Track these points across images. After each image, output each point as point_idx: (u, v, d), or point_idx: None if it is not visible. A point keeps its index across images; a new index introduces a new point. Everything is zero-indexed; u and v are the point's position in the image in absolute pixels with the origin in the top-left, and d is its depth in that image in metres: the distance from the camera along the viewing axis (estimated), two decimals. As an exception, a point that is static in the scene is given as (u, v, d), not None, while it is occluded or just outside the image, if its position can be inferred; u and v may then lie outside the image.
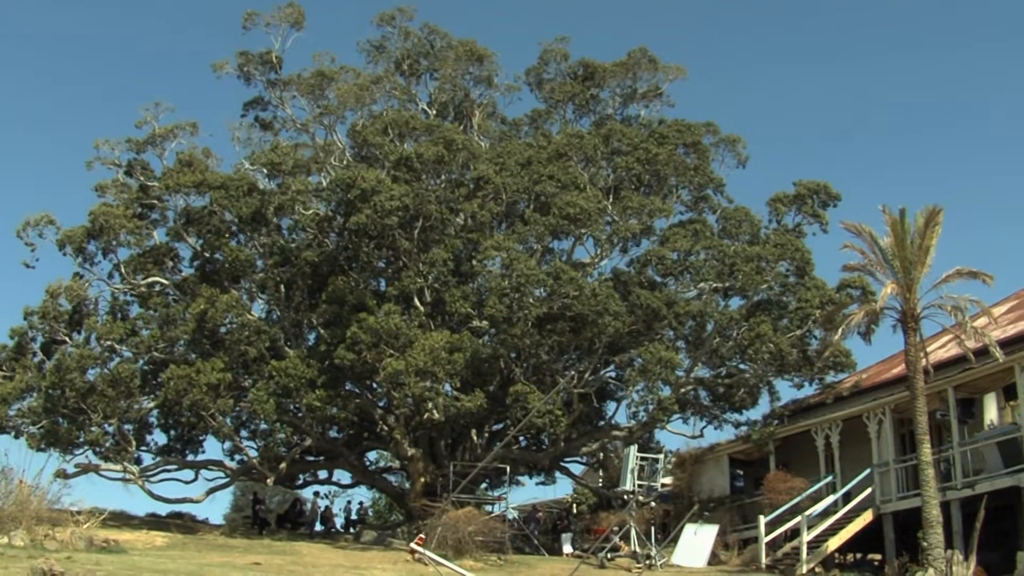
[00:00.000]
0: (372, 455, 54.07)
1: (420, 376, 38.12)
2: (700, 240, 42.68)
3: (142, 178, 46.53)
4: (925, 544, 30.51)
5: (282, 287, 44.42)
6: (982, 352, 32.98)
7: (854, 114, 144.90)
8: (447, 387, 40.95)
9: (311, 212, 44.24)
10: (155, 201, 46.06)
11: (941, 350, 37.82)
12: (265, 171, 45.10)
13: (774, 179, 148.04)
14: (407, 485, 46.70)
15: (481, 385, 40.84)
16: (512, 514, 44.97)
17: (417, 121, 45.85)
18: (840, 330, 35.18)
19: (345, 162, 46.95)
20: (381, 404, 44.38)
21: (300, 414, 41.92)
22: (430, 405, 40.01)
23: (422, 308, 42.37)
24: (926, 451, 31.66)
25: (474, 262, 42.56)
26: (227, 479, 47.41)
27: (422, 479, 42.78)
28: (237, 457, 46.22)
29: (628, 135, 46.54)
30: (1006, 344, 34.11)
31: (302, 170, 45.28)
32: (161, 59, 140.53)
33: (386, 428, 43.85)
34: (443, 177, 43.97)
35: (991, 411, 37.66)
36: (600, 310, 39.49)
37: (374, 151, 44.59)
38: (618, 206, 43.95)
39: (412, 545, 8.92)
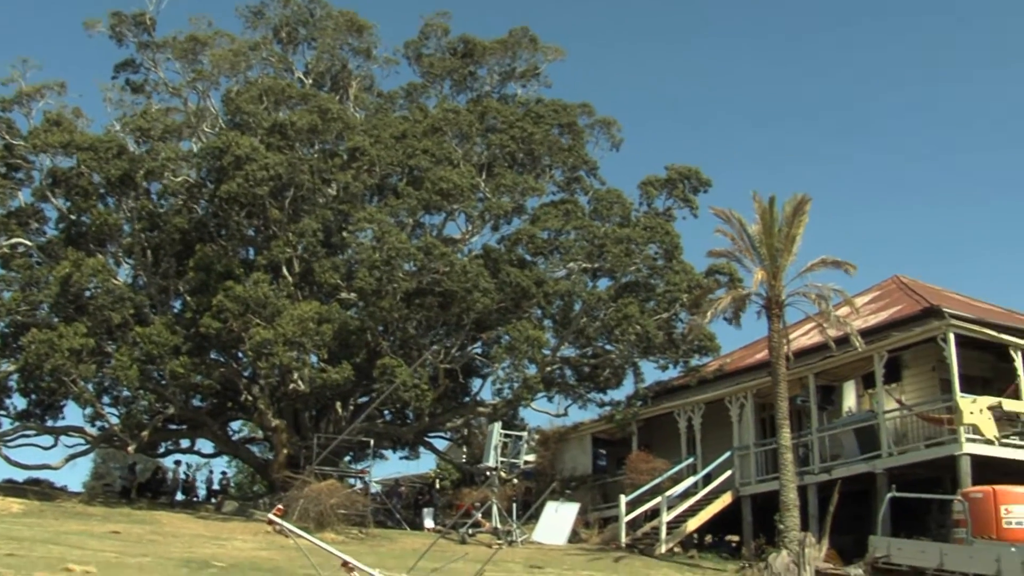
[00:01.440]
0: (236, 425, 53.76)
1: (287, 346, 37.90)
2: (571, 220, 42.86)
3: (7, 136, 45.39)
4: (782, 527, 30.95)
5: (149, 253, 43.75)
6: (843, 341, 33.60)
7: (727, 101, 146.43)
8: (313, 358, 40.77)
9: (181, 178, 43.62)
10: (20, 161, 45.09)
11: (804, 337, 38.44)
12: (135, 135, 44.33)
13: (648, 163, 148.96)
14: (270, 456, 46.35)
15: (348, 357, 40.64)
16: (375, 488, 44.89)
17: (293, 90, 45.42)
18: (707, 314, 35.54)
19: (218, 129, 46.34)
20: (246, 374, 43.95)
21: (164, 382, 41.26)
22: (296, 376, 39.83)
23: (291, 278, 42.06)
24: (786, 436, 32.14)
25: (345, 234, 42.40)
26: (87, 446, 46.66)
27: (285, 450, 42.48)
28: (98, 424, 45.31)
29: (504, 113, 46.63)
30: (867, 333, 34.79)
31: (173, 135, 44.62)
32: (31, 15, 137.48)
33: (251, 398, 43.43)
34: (317, 147, 43.62)
35: (850, 398, 38.40)
36: (469, 287, 39.54)
37: (247, 118, 44.04)
38: (491, 183, 44.04)
39: (270, 516, 8.96)
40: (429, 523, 42.06)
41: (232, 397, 46.28)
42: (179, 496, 48.65)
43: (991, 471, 29.86)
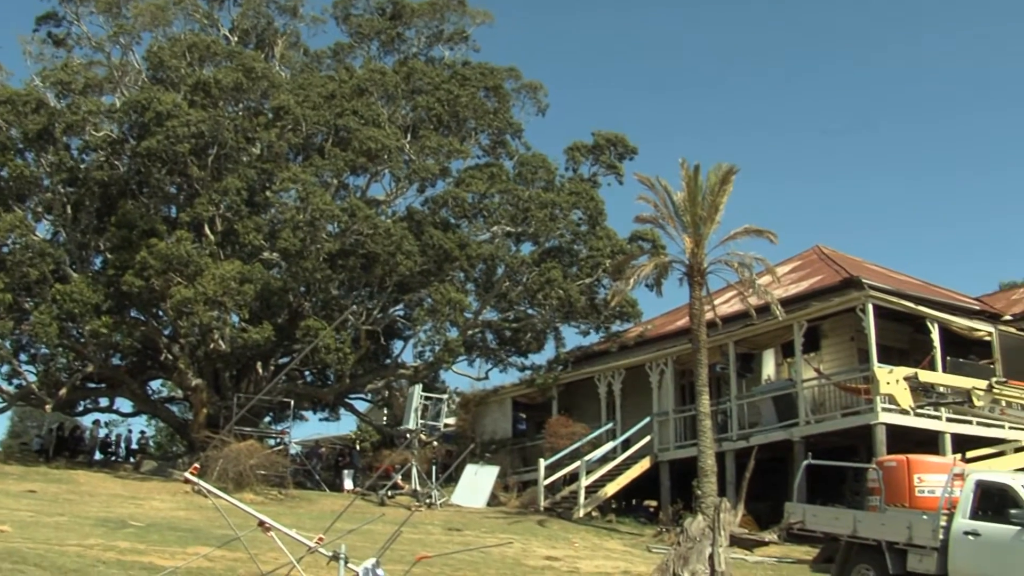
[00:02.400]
0: (155, 384, 53.31)
1: (208, 305, 37.63)
2: (496, 184, 42.81)
3: (-82, 88, 44.56)
4: (699, 492, 31.20)
5: (69, 208, 43.08)
6: (764, 309, 33.83)
7: (655, 69, 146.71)
8: (235, 318, 40.54)
9: (103, 133, 42.95)
10: (-67, 113, 44.27)
11: (725, 305, 38.66)
12: (56, 89, 43.66)
13: (574, 130, 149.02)
14: (190, 416, 46.00)
15: (270, 318, 40.49)
16: (294, 449, 44.78)
17: (218, 46, 44.85)
18: (629, 281, 35.60)
19: (140, 84, 45.62)
20: (167, 332, 43.54)
21: (83, 340, 40.84)
22: (217, 335, 39.59)
23: (213, 237, 41.66)
24: (705, 402, 32.36)
25: (269, 193, 42.06)
26: (3, 404, 46.20)
27: (205, 410, 42.17)
28: (15, 382, 44.89)
29: (430, 75, 46.43)
30: (787, 303, 35.12)
31: (95, 90, 43.96)
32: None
33: (171, 357, 43.04)
34: (241, 105, 43.17)
35: (769, 367, 38.73)
36: (393, 248, 39.43)
37: (171, 74, 43.47)
38: (416, 145, 43.85)
39: (186, 475, 8.88)
40: (348, 485, 42.06)
41: (152, 356, 45.84)
42: (97, 455, 48.27)
43: (905, 440, 30.30)
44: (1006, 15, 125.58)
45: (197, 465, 9.86)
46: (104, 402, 50.32)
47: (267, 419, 47.10)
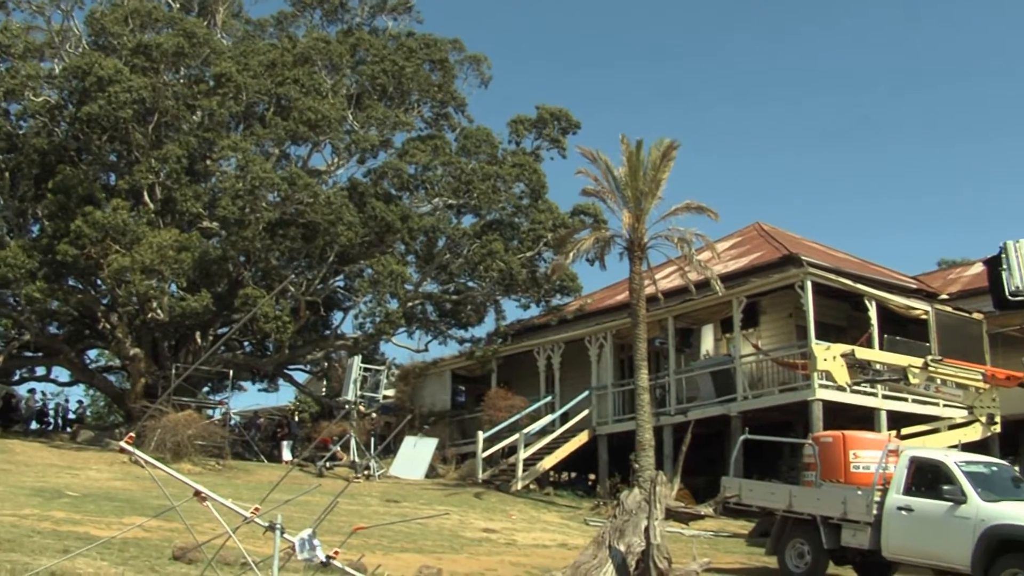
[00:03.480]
0: (93, 353, 52.94)
1: (146, 274, 37.34)
2: (439, 156, 42.70)
3: None
4: (637, 466, 31.36)
5: (6, 174, 42.59)
6: (703, 285, 34.01)
7: (599, 44, 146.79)
8: (173, 287, 40.30)
9: (42, 99, 42.38)
10: None
11: (665, 280, 38.78)
12: (-6, 53, 43.08)
13: (518, 105, 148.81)
14: (127, 386, 45.70)
15: (209, 287, 40.24)
16: (233, 419, 44.57)
17: (160, 12, 44.30)
18: (569, 254, 35.64)
19: (81, 49, 45.13)
20: (104, 301, 43.17)
21: (19, 307, 40.49)
22: (155, 304, 39.28)
23: (152, 205, 41.24)
24: (643, 377, 32.47)
25: (209, 162, 41.82)
26: (-62, 372, 45.78)
27: (143, 380, 41.86)
28: (-49, 350, 44.47)
29: (376, 46, 46.20)
30: (727, 279, 35.32)
31: (34, 55, 43.42)
32: None
33: (108, 326, 42.75)
34: (182, 72, 42.81)
35: (708, 342, 38.99)
36: (334, 219, 39.27)
37: (112, 40, 42.91)
38: (359, 116, 43.69)
39: (121, 444, 8.81)
40: (287, 455, 41.96)
41: (89, 325, 45.50)
42: (33, 425, 47.90)
43: (842, 417, 30.58)
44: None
45: (133, 435, 9.80)
46: (41, 371, 49.96)
47: (205, 389, 46.84)
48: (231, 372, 43.51)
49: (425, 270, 44.12)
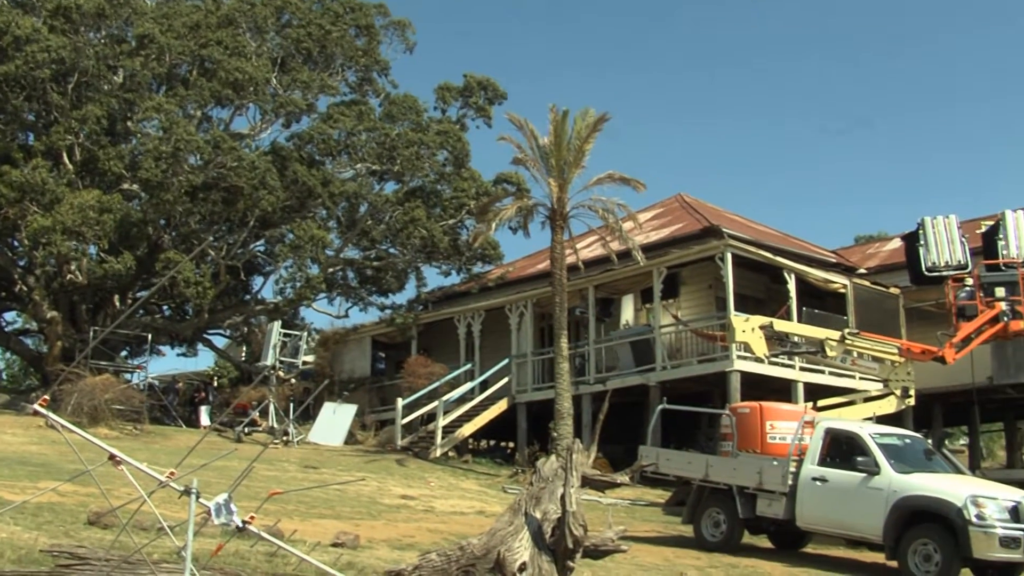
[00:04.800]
0: (9, 316, 52.22)
1: (65, 235, 36.92)
2: (364, 121, 42.50)
3: None
4: (555, 434, 31.49)
5: (-78, 134, 41.98)
6: (625, 255, 34.10)
7: (524, 13, 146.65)
8: (93, 249, 39.87)
9: (-43, 58, 41.85)
10: None
11: (587, 250, 38.86)
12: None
13: (445, 74, 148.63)
14: (44, 349, 45.22)
15: (129, 250, 39.81)
16: (152, 384, 44.20)
17: (80, -30, 43.81)
18: (491, 222, 35.64)
19: (-1, 7, 44.52)
20: (22, 263, 42.71)
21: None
22: (74, 266, 38.89)
23: (71, 166, 40.74)
24: (563, 345, 32.57)
25: (130, 123, 41.32)
26: None
27: (60, 343, 41.37)
28: None
29: (301, 9, 45.78)
30: (648, 249, 35.47)
31: (-50, 13, 42.72)
32: None
33: (25, 288, 42.19)
34: (103, 32, 42.23)
35: (628, 312, 39.18)
36: (256, 183, 38.99)
37: (32, -1, 42.46)
38: (284, 79, 43.38)
39: (35, 407, 8.73)
40: (205, 420, 41.71)
41: (6, 287, 44.95)
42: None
43: (760, 388, 30.92)
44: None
45: (47, 397, 9.70)
46: (-45, 334, 49.32)
47: (124, 354, 46.41)
48: (150, 336, 43.07)
49: (347, 236, 43.96)
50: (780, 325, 29.09)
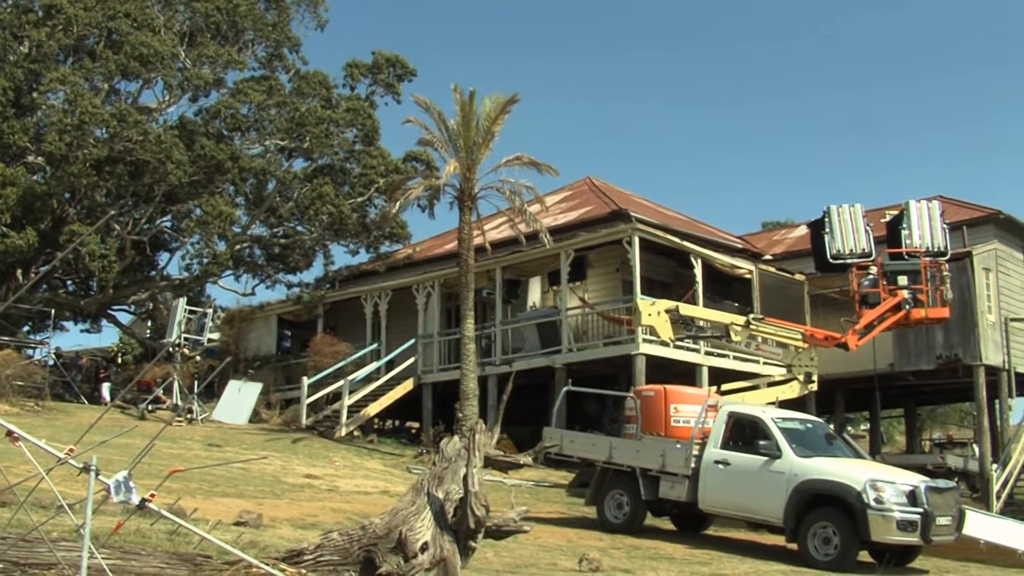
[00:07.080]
0: (-96, 291, 51.31)
1: (-33, 208, 36.41)
2: (273, 97, 42.19)
3: None
4: (460, 415, 31.59)
5: None
6: (533, 237, 34.21)
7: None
8: (-5, 223, 39.32)
9: None
10: None
11: (495, 231, 38.90)
12: None
13: (354, 51, 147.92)
14: (-58, 323, 44.54)
15: (32, 223, 39.27)
16: (53, 359, 43.64)
17: (-17, -63, 43.14)
18: (399, 201, 35.58)
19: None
20: (-80, 236, 42.02)
21: None
22: (-26, 241, 38.33)
23: (-26, 138, 40.21)
24: (469, 326, 32.67)
25: (35, 95, 40.73)
26: None
27: (-42, 318, 40.86)
28: None
29: (210, -19, 45.39)
30: (556, 232, 35.66)
31: None
32: None
33: (-77, 262, 41.59)
34: (9, 1, 41.67)
35: (535, 294, 39.31)
36: (163, 157, 38.53)
37: (-69, -35, 41.73)
38: (192, 53, 42.95)
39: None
40: (107, 397, 41.28)
41: (-98, 260, 44.16)
42: None
43: (665, 371, 31.23)
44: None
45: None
46: None
47: (26, 329, 45.77)
48: (53, 311, 42.49)
49: (254, 213, 43.67)
50: (686, 309, 29.34)
